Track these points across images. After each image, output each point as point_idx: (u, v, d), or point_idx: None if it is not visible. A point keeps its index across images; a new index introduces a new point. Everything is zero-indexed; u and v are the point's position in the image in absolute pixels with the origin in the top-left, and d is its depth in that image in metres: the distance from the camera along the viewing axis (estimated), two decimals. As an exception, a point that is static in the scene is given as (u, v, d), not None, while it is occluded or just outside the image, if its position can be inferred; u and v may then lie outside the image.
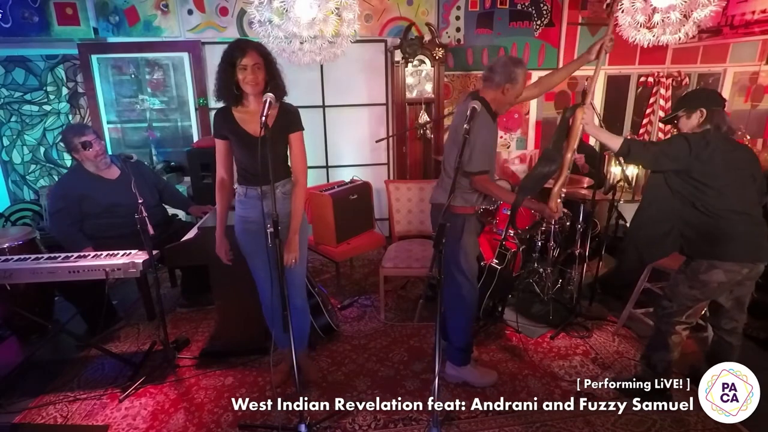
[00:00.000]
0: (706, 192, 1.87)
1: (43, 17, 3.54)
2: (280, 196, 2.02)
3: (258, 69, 1.86)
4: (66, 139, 2.73)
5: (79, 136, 2.68)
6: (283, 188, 2.05)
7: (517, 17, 4.17)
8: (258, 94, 1.91)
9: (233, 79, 1.86)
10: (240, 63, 1.83)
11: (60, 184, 2.88)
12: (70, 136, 2.70)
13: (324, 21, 2.73)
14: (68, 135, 2.72)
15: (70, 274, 2.22)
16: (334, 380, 2.37)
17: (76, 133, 2.70)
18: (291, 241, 2.00)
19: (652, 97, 4.45)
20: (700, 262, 1.94)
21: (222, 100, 1.93)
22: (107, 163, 2.78)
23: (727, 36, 3.81)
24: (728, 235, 1.86)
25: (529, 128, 4.51)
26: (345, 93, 4.15)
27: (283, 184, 2.05)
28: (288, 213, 2.03)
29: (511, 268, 2.94)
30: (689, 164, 1.87)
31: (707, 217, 1.88)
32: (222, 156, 2.02)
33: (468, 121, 1.81)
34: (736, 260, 1.88)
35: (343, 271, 3.60)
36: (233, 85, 1.87)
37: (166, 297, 3.23)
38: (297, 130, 2.03)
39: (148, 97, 4.13)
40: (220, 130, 1.97)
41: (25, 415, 2.17)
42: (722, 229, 1.87)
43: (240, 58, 1.82)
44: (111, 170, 2.81)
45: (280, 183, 2.03)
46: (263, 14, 2.71)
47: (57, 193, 2.78)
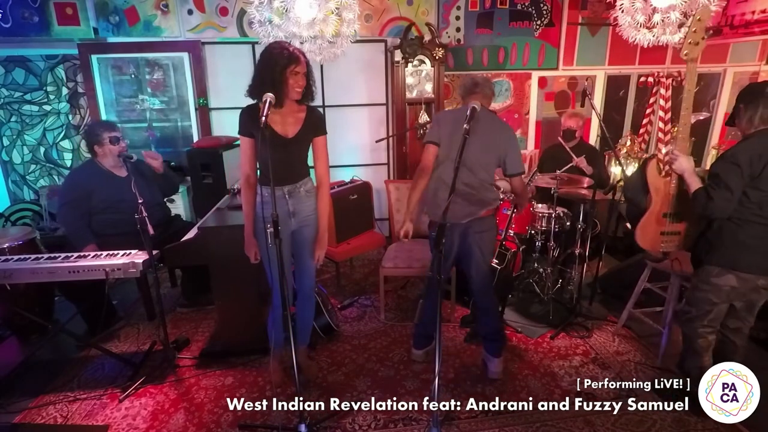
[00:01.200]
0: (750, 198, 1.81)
1: (43, 17, 3.54)
2: (303, 194, 2.10)
3: (304, 76, 1.94)
4: (94, 132, 2.75)
5: (110, 131, 2.73)
6: (305, 186, 2.11)
7: (517, 17, 4.17)
8: (296, 98, 1.97)
9: (281, 81, 1.88)
10: (293, 69, 1.88)
11: (73, 176, 2.93)
12: (101, 129, 2.74)
13: (324, 21, 2.74)
14: (99, 128, 2.76)
15: (70, 274, 2.22)
16: (334, 380, 2.37)
17: (107, 128, 2.76)
18: (322, 239, 2.15)
19: (652, 97, 4.45)
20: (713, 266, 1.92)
21: (258, 99, 1.94)
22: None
23: (727, 36, 3.81)
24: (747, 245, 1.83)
25: (529, 128, 4.51)
26: (345, 93, 4.15)
27: (304, 183, 2.11)
28: (308, 210, 2.12)
29: (511, 267, 2.94)
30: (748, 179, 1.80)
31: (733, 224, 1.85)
32: (248, 153, 2.03)
33: (468, 121, 1.81)
34: (752, 272, 1.85)
35: (343, 271, 3.60)
36: (278, 87, 1.89)
37: (166, 297, 3.23)
38: (323, 133, 2.11)
39: (148, 97, 4.13)
40: (248, 127, 1.98)
41: (25, 415, 2.17)
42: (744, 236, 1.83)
43: (294, 65, 1.88)
44: (122, 168, 2.82)
45: (302, 182, 2.10)
46: (263, 14, 2.72)
47: (69, 185, 2.82)
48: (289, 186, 2.05)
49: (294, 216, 2.09)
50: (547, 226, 2.95)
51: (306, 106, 2.05)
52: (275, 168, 1.94)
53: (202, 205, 3.15)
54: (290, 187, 2.05)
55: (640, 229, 2.19)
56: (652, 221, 2.17)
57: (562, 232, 3.05)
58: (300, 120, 2.02)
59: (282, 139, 1.98)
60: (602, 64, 4.37)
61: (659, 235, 2.17)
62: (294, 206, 2.07)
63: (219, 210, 2.71)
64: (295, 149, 2.03)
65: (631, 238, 3.74)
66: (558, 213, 2.90)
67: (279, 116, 1.99)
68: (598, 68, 4.38)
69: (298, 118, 2.02)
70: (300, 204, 2.09)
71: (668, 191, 2.12)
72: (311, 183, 2.15)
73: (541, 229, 2.99)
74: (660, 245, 2.19)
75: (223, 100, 4.02)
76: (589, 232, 2.96)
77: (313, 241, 2.16)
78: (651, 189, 2.15)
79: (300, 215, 2.10)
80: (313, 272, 2.27)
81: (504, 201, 3.10)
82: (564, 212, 3.02)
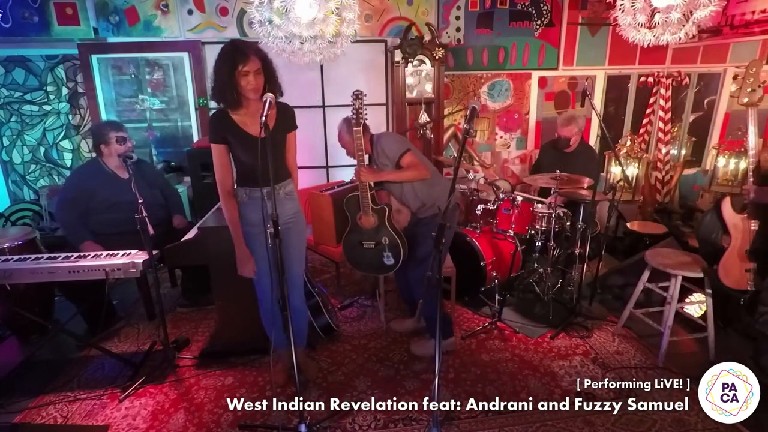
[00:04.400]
0: None
1: (43, 17, 3.54)
2: (283, 196, 2.03)
3: (258, 74, 1.84)
4: (101, 131, 2.75)
5: (117, 130, 2.74)
6: (285, 189, 2.06)
7: (517, 17, 4.17)
8: (258, 97, 1.90)
9: (233, 82, 1.82)
10: (242, 69, 1.80)
11: (76, 175, 2.95)
12: (108, 129, 2.74)
13: (324, 21, 2.73)
14: (106, 128, 2.76)
15: (70, 274, 2.22)
16: (334, 380, 2.37)
17: (114, 128, 2.76)
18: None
19: (652, 97, 4.45)
20: None
21: (221, 103, 1.90)
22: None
23: (727, 36, 3.81)
24: None
25: (529, 128, 4.51)
26: (345, 93, 4.13)
27: (285, 185, 2.06)
28: (288, 213, 2.06)
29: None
30: None
31: None
32: (223, 162, 1.96)
33: (468, 120, 1.82)
34: None
35: (343, 271, 3.60)
36: (233, 89, 1.84)
37: (166, 297, 3.23)
38: (294, 128, 2.07)
39: (148, 97, 4.13)
40: (219, 133, 1.92)
41: (25, 415, 2.17)
42: None
43: (242, 64, 1.79)
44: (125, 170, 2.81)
45: (283, 184, 2.04)
46: (263, 14, 2.71)
47: (71, 184, 2.84)
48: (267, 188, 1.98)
49: None
50: (547, 226, 2.94)
51: (276, 103, 1.96)
52: (253, 170, 1.91)
53: (202, 205, 3.15)
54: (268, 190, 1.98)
55: (723, 268, 2.17)
56: (735, 259, 2.15)
57: (562, 232, 3.05)
58: (271, 118, 1.91)
59: (253, 139, 1.87)
60: (602, 64, 4.37)
61: (744, 272, 2.14)
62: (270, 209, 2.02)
63: (219, 210, 2.71)
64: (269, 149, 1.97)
65: (631, 238, 3.78)
66: (558, 213, 2.90)
67: (247, 117, 1.92)
68: (598, 68, 4.38)
69: (269, 116, 1.91)
70: (280, 207, 1.98)
71: (747, 227, 2.11)
72: (292, 186, 2.10)
73: (541, 229, 2.98)
74: (747, 283, 2.15)
75: (223, 100, 4.02)
76: (589, 232, 2.96)
77: (298, 247, 2.13)
78: (729, 226, 2.14)
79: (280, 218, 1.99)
80: (302, 282, 2.23)
81: (504, 200, 3.10)
82: (564, 212, 3.02)
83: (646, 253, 2.62)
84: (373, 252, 2.46)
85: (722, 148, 4.39)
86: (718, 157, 4.39)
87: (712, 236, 2.20)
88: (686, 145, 4.66)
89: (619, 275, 3.27)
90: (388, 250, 2.41)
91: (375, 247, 2.44)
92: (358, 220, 2.43)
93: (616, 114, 4.56)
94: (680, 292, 2.43)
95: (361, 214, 2.41)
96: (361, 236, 2.46)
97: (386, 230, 2.40)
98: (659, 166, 4.53)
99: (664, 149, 4.50)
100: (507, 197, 3.10)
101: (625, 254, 3.71)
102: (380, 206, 2.39)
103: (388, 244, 2.40)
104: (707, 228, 2.23)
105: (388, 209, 2.38)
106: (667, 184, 4.56)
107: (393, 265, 2.44)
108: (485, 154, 4.49)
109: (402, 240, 2.40)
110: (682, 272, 2.39)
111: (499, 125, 4.46)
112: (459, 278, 2.87)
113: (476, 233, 3.13)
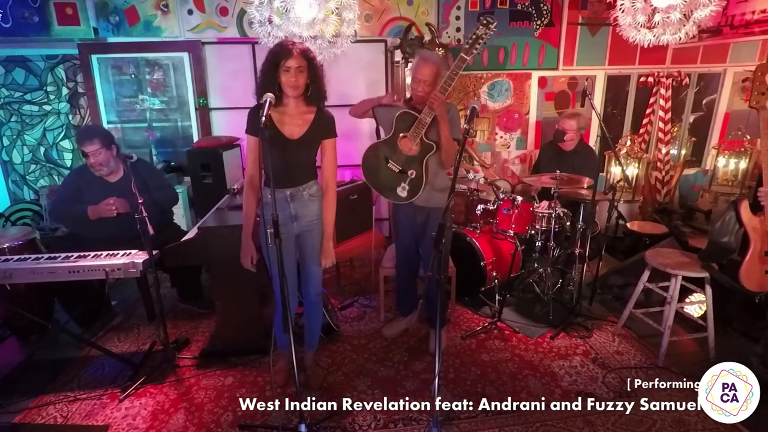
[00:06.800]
0: None
1: (43, 17, 3.54)
2: (306, 197, 2.03)
3: (300, 72, 1.84)
4: (77, 138, 2.83)
5: (81, 143, 2.64)
6: (310, 190, 2.04)
7: (517, 17, 4.17)
8: (298, 96, 1.91)
9: (276, 79, 1.84)
10: (284, 64, 1.81)
11: (69, 174, 3.06)
12: (80, 138, 2.71)
13: (324, 21, 2.74)
14: (78, 137, 2.78)
15: (70, 274, 2.22)
16: (334, 380, 2.37)
17: (79, 140, 2.69)
18: (327, 249, 2.11)
19: (652, 97, 4.45)
20: None
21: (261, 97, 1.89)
22: (105, 173, 2.71)
23: (727, 36, 3.81)
24: None
25: (529, 128, 4.50)
26: (345, 93, 4.15)
27: (309, 186, 2.04)
28: (312, 214, 2.06)
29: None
30: None
31: None
32: (253, 153, 1.97)
33: (468, 120, 1.82)
34: None
35: (343, 271, 3.60)
36: (276, 85, 1.85)
37: (166, 297, 3.23)
38: (332, 136, 2.04)
39: (148, 97, 4.13)
40: (254, 126, 1.92)
41: (25, 415, 2.16)
42: None
43: (284, 60, 1.81)
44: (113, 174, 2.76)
45: (307, 185, 2.03)
46: (263, 14, 2.71)
47: (65, 182, 2.93)
48: (292, 189, 1.99)
49: (296, 220, 2.03)
50: (547, 226, 2.94)
51: (316, 107, 1.98)
52: (278, 169, 1.91)
53: (202, 205, 3.14)
54: (293, 190, 1.99)
55: (745, 272, 2.16)
56: (756, 261, 2.15)
57: (562, 232, 3.05)
58: (308, 121, 1.96)
59: (285, 140, 1.93)
60: (602, 64, 4.37)
61: (765, 274, 2.14)
62: (296, 210, 2.01)
63: (219, 210, 2.71)
64: (299, 151, 1.96)
65: (631, 238, 3.78)
66: (558, 213, 2.90)
67: (286, 116, 1.94)
68: (598, 68, 4.38)
69: (306, 119, 1.96)
70: (303, 208, 2.03)
71: (766, 229, 2.12)
72: (317, 187, 2.07)
73: (541, 229, 2.98)
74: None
75: (223, 100, 4.02)
76: (589, 232, 2.96)
77: (317, 247, 2.11)
78: (748, 229, 2.14)
79: (303, 219, 2.04)
80: (319, 279, 2.23)
81: (504, 200, 3.10)
82: (564, 212, 3.02)
83: (646, 253, 2.63)
84: (393, 175, 2.33)
85: (722, 148, 4.38)
86: (718, 157, 4.38)
87: (726, 238, 2.19)
88: (686, 145, 4.66)
89: (619, 275, 3.27)
90: (408, 183, 2.29)
91: (398, 172, 2.31)
92: (398, 139, 2.30)
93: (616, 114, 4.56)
94: (680, 292, 2.44)
95: (406, 136, 2.26)
96: (392, 154, 2.33)
97: (418, 166, 2.27)
98: (659, 166, 4.53)
99: (664, 149, 4.50)
100: (507, 197, 3.10)
101: (625, 254, 3.72)
102: (429, 141, 2.24)
103: (413, 177, 2.27)
104: (723, 229, 2.21)
105: (435, 148, 2.25)
106: (667, 184, 4.55)
107: (403, 198, 2.33)
108: (485, 154, 4.49)
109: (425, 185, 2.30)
110: (682, 272, 2.39)
111: (499, 125, 4.45)
112: (459, 278, 2.87)
113: (476, 233, 3.13)
